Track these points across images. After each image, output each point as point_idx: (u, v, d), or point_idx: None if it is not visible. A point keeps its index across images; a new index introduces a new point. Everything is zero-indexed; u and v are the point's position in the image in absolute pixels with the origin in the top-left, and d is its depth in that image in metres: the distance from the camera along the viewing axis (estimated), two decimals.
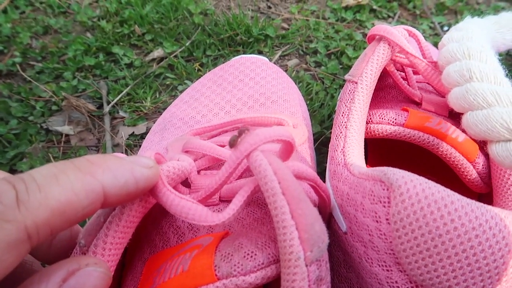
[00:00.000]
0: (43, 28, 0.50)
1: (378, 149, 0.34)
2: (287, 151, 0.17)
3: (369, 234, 0.18)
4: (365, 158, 0.27)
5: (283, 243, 0.14)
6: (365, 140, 0.28)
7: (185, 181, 0.21)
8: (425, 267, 0.15)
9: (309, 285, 0.13)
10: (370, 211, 0.18)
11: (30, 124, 0.41)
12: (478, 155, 0.25)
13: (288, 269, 0.13)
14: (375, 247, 0.18)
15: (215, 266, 0.15)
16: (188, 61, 0.48)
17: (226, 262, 0.15)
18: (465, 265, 0.15)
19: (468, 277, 0.15)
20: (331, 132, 0.27)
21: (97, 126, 0.42)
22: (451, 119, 0.28)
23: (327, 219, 0.24)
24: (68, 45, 0.48)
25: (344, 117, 0.26)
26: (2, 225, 0.10)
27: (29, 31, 0.49)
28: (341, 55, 0.48)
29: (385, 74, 0.31)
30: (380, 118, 0.27)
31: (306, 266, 0.13)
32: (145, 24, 0.49)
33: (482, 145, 0.25)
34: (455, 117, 0.28)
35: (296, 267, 0.13)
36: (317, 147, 0.39)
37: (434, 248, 0.15)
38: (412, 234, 0.15)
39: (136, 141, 0.41)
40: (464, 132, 0.25)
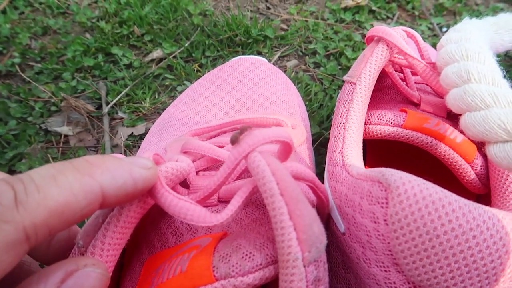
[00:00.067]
0: (42, 28, 0.50)
1: (377, 150, 0.34)
2: (285, 152, 0.17)
3: (367, 235, 0.18)
4: (364, 159, 0.27)
5: (281, 243, 0.14)
6: (364, 141, 0.28)
7: (183, 182, 0.21)
8: (423, 267, 0.16)
9: (307, 285, 0.13)
10: (368, 212, 0.18)
11: (29, 125, 0.41)
12: (476, 156, 0.25)
13: (286, 269, 0.14)
14: (373, 248, 0.18)
15: (214, 266, 0.15)
16: (187, 61, 0.48)
17: (225, 263, 0.15)
18: (462, 265, 0.15)
19: (465, 277, 0.15)
20: (330, 133, 0.27)
21: (96, 126, 0.42)
22: (449, 120, 0.28)
23: (325, 220, 0.24)
24: (67, 46, 0.48)
25: (342, 118, 0.26)
26: (1, 226, 0.10)
27: (28, 31, 0.49)
28: (340, 56, 0.48)
29: (383, 75, 0.31)
30: (378, 119, 0.27)
31: (304, 266, 0.13)
32: (144, 24, 0.50)
33: (480, 146, 0.25)
34: (454, 118, 0.28)
35: (294, 267, 0.13)
36: (316, 148, 0.39)
37: (432, 249, 0.15)
38: (410, 235, 0.15)
39: (135, 141, 0.41)
40: (462, 133, 0.25)
